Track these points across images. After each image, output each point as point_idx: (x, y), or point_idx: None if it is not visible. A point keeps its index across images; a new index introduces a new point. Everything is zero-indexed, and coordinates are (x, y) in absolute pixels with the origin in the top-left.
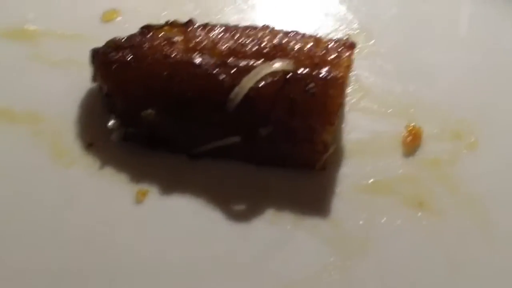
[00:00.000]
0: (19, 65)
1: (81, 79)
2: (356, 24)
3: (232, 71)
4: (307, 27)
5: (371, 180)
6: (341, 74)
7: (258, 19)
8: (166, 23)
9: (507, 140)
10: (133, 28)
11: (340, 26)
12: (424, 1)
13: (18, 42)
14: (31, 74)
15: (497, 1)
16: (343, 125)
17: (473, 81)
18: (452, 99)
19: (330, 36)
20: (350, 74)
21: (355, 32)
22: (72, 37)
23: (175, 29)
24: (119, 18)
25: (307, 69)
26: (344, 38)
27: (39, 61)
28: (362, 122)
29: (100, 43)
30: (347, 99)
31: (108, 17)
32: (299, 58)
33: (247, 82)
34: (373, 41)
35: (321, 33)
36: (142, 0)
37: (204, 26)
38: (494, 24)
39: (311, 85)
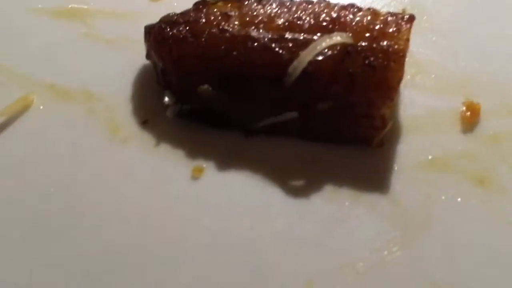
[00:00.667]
0: (72, 44)
1: (134, 57)
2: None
3: (290, 45)
4: (359, 1)
5: (430, 157)
6: (401, 47)
7: None
8: None
9: None
10: (182, 5)
11: (391, 1)
12: None
13: (70, 21)
14: (84, 52)
15: None
16: (399, 101)
17: None
18: (509, 75)
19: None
20: None
21: (408, 7)
22: (123, 15)
23: (230, 4)
24: None
25: (367, 42)
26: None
27: (92, 39)
28: (418, 98)
29: (151, 20)
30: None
31: None
32: (358, 31)
33: (306, 56)
34: (425, 17)
35: (373, 6)
36: None
37: (259, 0)
38: None
39: (371, 58)
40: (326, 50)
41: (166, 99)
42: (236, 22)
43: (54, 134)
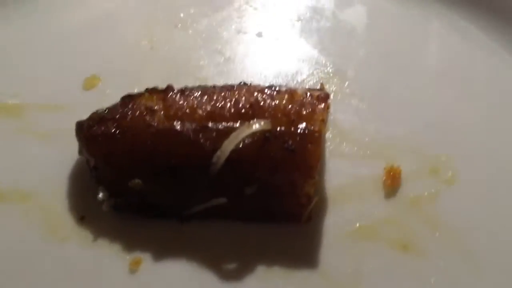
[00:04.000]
0: (6, 141)
1: (68, 151)
2: (329, 68)
3: (213, 135)
4: (284, 74)
5: (356, 226)
6: (317, 128)
7: (236, 71)
8: (146, 90)
9: (483, 172)
10: (114, 93)
11: (314, 70)
12: (391, 40)
13: (4, 117)
14: (18, 149)
15: (466, 33)
16: (325, 174)
17: (446, 116)
18: (426, 135)
19: (306, 81)
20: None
21: (330, 75)
22: (58, 108)
23: (155, 96)
24: (100, 84)
25: (284, 126)
26: (319, 85)
27: (26, 134)
28: (343, 167)
29: (84, 111)
30: (327, 144)
31: (89, 84)
32: (276, 115)
33: (228, 146)
34: (347, 83)
35: (297, 79)
36: (120, 63)
37: (182, 91)
38: (461, 56)
39: (290, 142)
40: (247, 138)
41: (100, 194)
42: (161, 116)
43: None
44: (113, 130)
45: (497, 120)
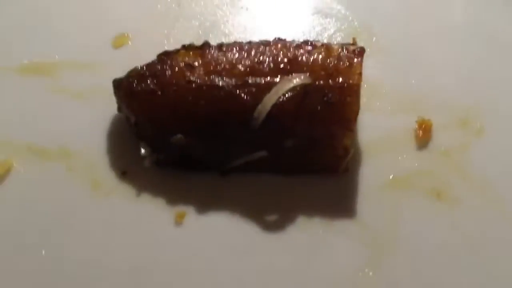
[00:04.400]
0: (43, 101)
1: (106, 109)
2: (356, 23)
3: (253, 90)
4: (312, 31)
5: (391, 177)
6: (355, 81)
7: (264, 27)
8: (183, 47)
9: (510, 123)
10: (145, 52)
11: (341, 26)
12: None
13: (37, 77)
14: (56, 108)
15: None
16: (358, 127)
17: (474, 69)
18: (455, 88)
19: (334, 37)
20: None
21: (357, 30)
22: (89, 66)
23: (192, 53)
24: (129, 43)
25: (323, 80)
26: (351, 41)
27: (61, 94)
28: (375, 121)
29: (117, 69)
30: None
31: (118, 42)
32: (314, 69)
33: (269, 100)
34: (374, 38)
35: (325, 35)
36: (148, 21)
37: (219, 47)
38: (491, 13)
39: (329, 95)
40: (287, 92)
41: (142, 150)
42: (201, 72)
43: (37, 196)
44: (153, 87)
45: None
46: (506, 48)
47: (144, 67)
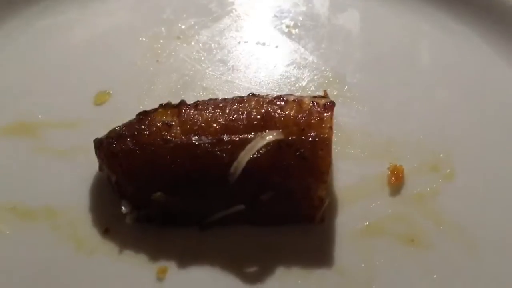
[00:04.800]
0: (27, 161)
1: (88, 166)
2: (329, 73)
3: (229, 147)
4: (286, 81)
5: (366, 223)
6: (326, 135)
7: (240, 79)
8: (160, 106)
9: (480, 167)
10: (125, 107)
11: (315, 76)
12: (386, 42)
13: (21, 137)
14: (39, 167)
15: (453, 32)
16: (333, 175)
17: (442, 112)
18: (425, 133)
19: (308, 87)
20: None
21: (330, 80)
22: (71, 125)
23: (169, 111)
24: (110, 99)
25: (295, 135)
26: (322, 92)
27: (45, 153)
28: (349, 168)
29: (98, 126)
30: (332, 147)
31: (100, 99)
32: (287, 125)
33: (244, 157)
34: (346, 87)
35: (299, 84)
36: (129, 77)
37: (195, 105)
38: (453, 55)
39: (302, 150)
40: (261, 148)
41: (123, 208)
42: (178, 131)
43: (22, 256)
44: (132, 147)
45: (490, 117)
46: (473, 94)
47: (124, 127)
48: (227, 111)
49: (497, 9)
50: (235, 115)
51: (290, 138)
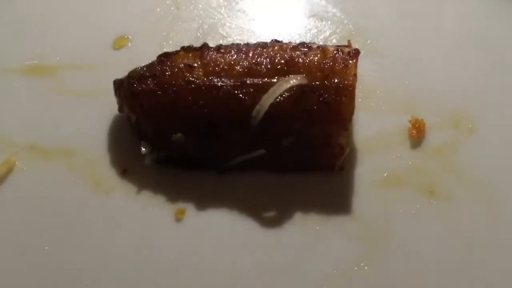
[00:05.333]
0: (45, 101)
1: (107, 108)
2: (351, 26)
3: (251, 90)
4: (307, 33)
5: (385, 174)
6: (350, 82)
7: (261, 30)
8: (182, 49)
9: (501, 122)
10: (145, 53)
11: (337, 28)
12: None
13: (40, 78)
14: (58, 108)
15: None
16: (354, 126)
17: (465, 69)
18: (447, 89)
19: (329, 39)
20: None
21: (352, 33)
22: (90, 67)
23: (191, 54)
24: (129, 45)
25: (319, 81)
26: (346, 42)
27: (63, 94)
28: (370, 120)
29: (117, 70)
30: None
31: (118, 44)
32: (311, 70)
33: (267, 100)
34: (369, 41)
35: (321, 37)
36: (148, 23)
37: (218, 48)
38: (480, 12)
39: (325, 95)
40: (284, 92)
41: (143, 149)
42: (200, 73)
43: (40, 194)
44: (153, 87)
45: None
46: (496, 50)
47: (145, 68)
48: (250, 55)
49: None
50: (258, 59)
51: (313, 83)
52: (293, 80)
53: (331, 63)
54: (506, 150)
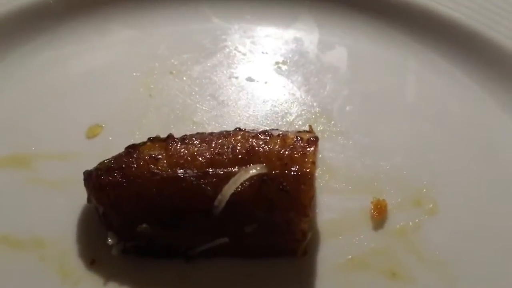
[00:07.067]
0: (19, 191)
1: (77, 197)
2: (316, 108)
3: (213, 180)
4: (274, 115)
5: (349, 257)
6: (308, 170)
7: (230, 113)
8: (149, 140)
9: (462, 201)
10: (117, 140)
11: (302, 111)
12: (373, 78)
13: (15, 168)
14: (31, 198)
15: (439, 69)
16: (316, 209)
17: (425, 148)
18: (408, 168)
19: (295, 121)
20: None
21: (317, 115)
22: (63, 156)
23: (157, 145)
24: (102, 132)
25: (279, 169)
26: (307, 127)
27: (37, 184)
28: (333, 202)
29: (90, 158)
30: (317, 181)
31: (92, 132)
32: (271, 159)
33: (228, 190)
34: (333, 122)
35: (287, 119)
36: (121, 111)
37: (183, 139)
38: (438, 91)
39: (284, 183)
40: (245, 181)
41: (109, 240)
42: (165, 164)
43: (10, 285)
44: (119, 179)
45: (474, 154)
46: (454, 127)
47: (112, 160)
48: (213, 145)
49: (485, 49)
50: (221, 149)
51: (273, 172)
52: (253, 170)
53: (290, 151)
54: (468, 230)
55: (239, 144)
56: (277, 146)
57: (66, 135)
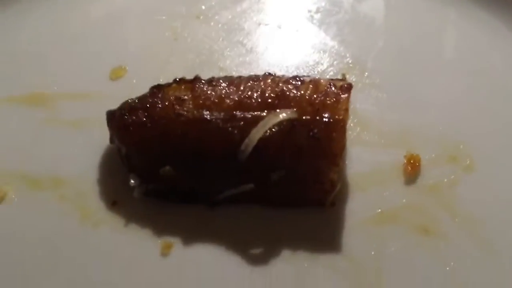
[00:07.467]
0: (38, 130)
1: (99, 138)
2: (349, 59)
3: (241, 124)
4: (304, 65)
5: (378, 211)
6: (341, 117)
7: (258, 61)
8: (174, 81)
9: (500, 159)
10: (140, 83)
11: (334, 61)
12: (409, 30)
13: (35, 107)
14: (50, 137)
15: (480, 22)
16: (346, 161)
17: (464, 103)
18: (445, 124)
19: (326, 72)
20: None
21: (350, 66)
22: (85, 97)
23: (183, 86)
24: (126, 74)
25: (310, 115)
26: (341, 76)
27: (57, 123)
28: (364, 155)
29: (111, 100)
30: (348, 133)
31: (115, 74)
32: (301, 105)
33: (256, 134)
34: (366, 74)
35: (318, 69)
36: (146, 54)
37: (210, 81)
38: (479, 45)
39: (315, 130)
40: (273, 126)
41: (132, 181)
42: (190, 106)
43: (29, 224)
44: (144, 119)
45: None
46: (495, 84)
47: (136, 100)
48: (241, 88)
49: None
50: (249, 92)
51: (304, 117)
52: (283, 114)
53: (323, 97)
54: (504, 189)
55: (268, 88)
56: (308, 91)
57: (88, 76)
